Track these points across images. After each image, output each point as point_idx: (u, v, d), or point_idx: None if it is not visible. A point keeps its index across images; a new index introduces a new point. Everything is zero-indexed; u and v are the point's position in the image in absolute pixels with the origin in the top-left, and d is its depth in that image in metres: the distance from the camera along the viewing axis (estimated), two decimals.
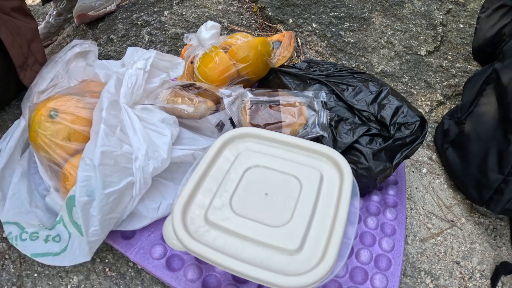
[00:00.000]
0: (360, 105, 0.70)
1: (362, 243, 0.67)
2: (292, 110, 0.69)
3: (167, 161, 0.61)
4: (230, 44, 0.81)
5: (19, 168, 0.69)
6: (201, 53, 0.80)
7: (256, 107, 0.69)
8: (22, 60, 0.80)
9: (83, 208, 0.54)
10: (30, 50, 0.83)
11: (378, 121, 0.69)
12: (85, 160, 0.55)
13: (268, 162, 0.58)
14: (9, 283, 0.62)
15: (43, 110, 0.62)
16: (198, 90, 0.72)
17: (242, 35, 0.84)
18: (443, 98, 1.01)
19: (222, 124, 0.77)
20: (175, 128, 0.65)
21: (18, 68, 0.79)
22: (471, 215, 0.78)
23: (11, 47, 0.77)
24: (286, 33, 0.88)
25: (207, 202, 0.52)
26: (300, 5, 1.18)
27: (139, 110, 0.64)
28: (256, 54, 0.78)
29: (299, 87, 0.77)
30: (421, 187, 0.82)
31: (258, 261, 0.46)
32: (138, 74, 0.65)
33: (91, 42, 0.79)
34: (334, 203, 0.52)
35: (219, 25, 0.82)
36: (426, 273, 0.67)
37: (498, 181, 0.69)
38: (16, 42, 0.78)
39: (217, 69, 0.77)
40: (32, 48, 0.84)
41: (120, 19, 1.22)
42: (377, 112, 0.69)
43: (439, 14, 1.16)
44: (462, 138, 0.79)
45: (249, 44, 0.78)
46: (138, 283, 0.63)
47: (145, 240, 0.64)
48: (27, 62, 0.82)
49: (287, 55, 0.88)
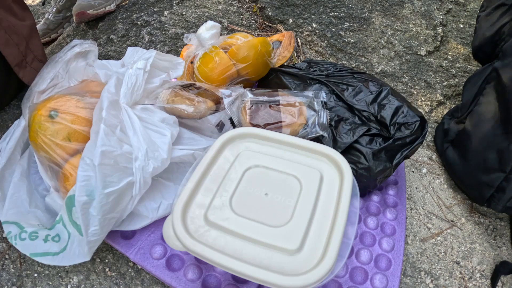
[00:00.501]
0: (360, 105, 0.70)
1: (362, 243, 0.67)
2: (292, 110, 0.69)
3: (167, 161, 0.61)
4: (230, 44, 0.81)
5: (19, 168, 0.69)
6: (201, 53, 0.80)
7: (256, 107, 0.69)
8: (20, 58, 0.80)
9: (83, 207, 0.54)
10: (28, 47, 0.83)
11: (378, 121, 0.69)
12: (85, 160, 0.55)
13: (268, 162, 0.58)
14: (9, 283, 0.62)
15: (43, 110, 0.62)
16: (198, 90, 0.72)
17: (242, 35, 0.84)
18: (443, 98, 1.01)
19: (222, 124, 0.77)
20: (175, 128, 0.65)
21: (15, 67, 0.79)
22: (471, 215, 0.78)
23: (5, 46, 0.76)
24: (286, 33, 0.88)
25: (207, 202, 0.52)
26: (300, 5, 1.18)
27: (139, 110, 0.64)
28: (256, 54, 0.78)
29: (299, 87, 0.77)
30: (421, 187, 0.82)
31: (258, 261, 0.46)
32: (138, 74, 0.65)
33: (91, 42, 0.79)
34: (334, 203, 0.52)
35: (219, 25, 0.82)
36: (426, 273, 0.67)
37: (500, 179, 0.69)
38: (11, 41, 0.78)
39: (217, 69, 0.77)
40: (31, 45, 0.84)
41: (120, 19, 1.22)
42: (377, 112, 0.69)
43: (439, 14, 1.16)
44: (462, 137, 0.79)
45: (249, 44, 0.78)
46: (138, 283, 0.63)
47: (145, 240, 0.64)
48: (25, 60, 0.82)
49: (287, 55, 0.88)
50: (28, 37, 0.84)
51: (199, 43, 0.82)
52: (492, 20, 0.83)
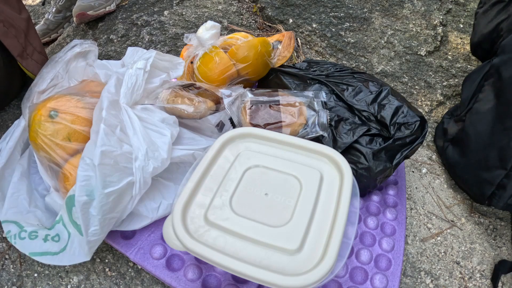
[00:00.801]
0: (360, 105, 0.70)
1: (362, 243, 0.67)
2: (292, 110, 0.69)
3: (167, 161, 0.61)
4: (230, 44, 0.81)
5: (19, 168, 0.69)
6: (201, 53, 0.80)
7: (256, 107, 0.69)
8: (20, 49, 0.81)
9: (83, 207, 0.54)
10: (27, 39, 0.84)
11: (378, 121, 0.69)
12: (85, 160, 0.55)
13: (268, 162, 0.58)
14: (9, 283, 0.62)
15: (43, 110, 0.62)
16: (198, 90, 0.72)
17: (242, 35, 0.84)
18: (443, 98, 1.01)
19: (222, 124, 0.77)
20: (175, 128, 0.65)
21: (18, 57, 0.80)
22: (471, 215, 0.78)
23: (5, 37, 0.77)
24: (286, 33, 0.88)
25: (207, 202, 0.52)
26: (300, 5, 1.18)
27: (139, 110, 0.64)
28: (256, 54, 0.78)
29: (299, 87, 0.77)
30: (421, 187, 0.82)
31: (258, 261, 0.46)
32: (138, 74, 0.65)
33: (91, 42, 0.79)
34: (334, 203, 0.52)
35: (219, 25, 0.82)
36: (426, 273, 0.67)
37: (501, 176, 0.69)
38: (10, 33, 0.79)
39: (217, 69, 0.77)
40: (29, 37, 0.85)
41: (120, 19, 1.22)
42: (377, 112, 0.69)
43: (439, 14, 1.16)
44: (462, 135, 0.79)
45: (249, 44, 0.78)
46: (138, 283, 0.63)
47: (145, 240, 0.64)
48: (26, 51, 0.83)
49: (287, 55, 0.88)
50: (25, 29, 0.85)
51: (199, 43, 0.82)
52: (489, 17, 0.83)
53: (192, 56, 0.82)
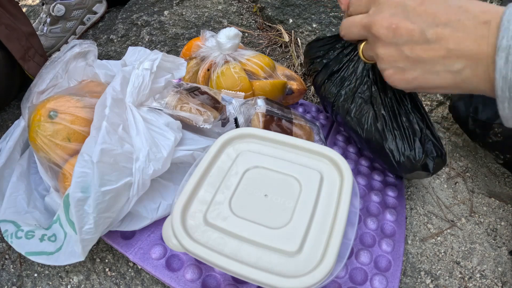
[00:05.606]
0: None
1: (362, 243, 0.67)
2: (301, 132, 0.71)
3: (167, 165, 0.61)
4: (249, 71, 0.81)
5: (18, 168, 0.69)
6: (221, 63, 0.80)
7: (270, 118, 0.69)
8: (23, 52, 0.83)
9: (77, 204, 0.53)
10: (29, 42, 0.85)
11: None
12: (83, 156, 0.54)
13: (268, 163, 0.58)
14: (9, 283, 0.62)
15: (42, 111, 0.62)
16: (203, 95, 0.72)
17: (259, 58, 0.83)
18: (443, 98, 1.01)
19: (228, 120, 0.77)
20: (178, 134, 0.65)
21: (20, 60, 0.81)
22: (471, 215, 0.78)
23: (7, 41, 0.78)
24: (302, 89, 0.89)
25: (206, 203, 0.52)
26: (300, 5, 1.18)
27: (144, 111, 0.64)
28: (275, 92, 0.82)
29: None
30: (421, 187, 0.82)
31: (257, 262, 0.46)
32: (145, 75, 0.65)
33: (90, 42, 0.79)
34: (334, 204, 0.52)
35: (240, 34, 0.81)
36: (426, 273, 0.67)
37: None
38: (12, 36, 0.80)
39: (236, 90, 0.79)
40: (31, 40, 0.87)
41: (120, 19, 1.22)
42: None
43: None
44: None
45: (273, 84, 0.81)
46: (138, 283, 0.63)
47: (145, 240, 0.64)
48: (28, 54, 0.84)
49: (292, 103, 0.93)
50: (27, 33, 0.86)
51: (217, 47, 0.81)
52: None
53: (208, 63, 0.81)
